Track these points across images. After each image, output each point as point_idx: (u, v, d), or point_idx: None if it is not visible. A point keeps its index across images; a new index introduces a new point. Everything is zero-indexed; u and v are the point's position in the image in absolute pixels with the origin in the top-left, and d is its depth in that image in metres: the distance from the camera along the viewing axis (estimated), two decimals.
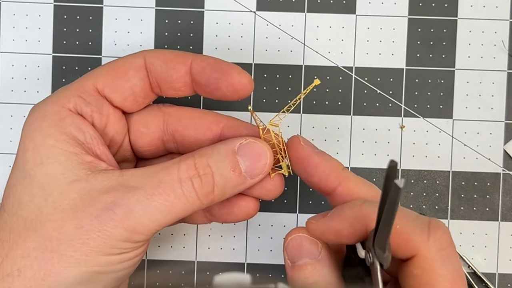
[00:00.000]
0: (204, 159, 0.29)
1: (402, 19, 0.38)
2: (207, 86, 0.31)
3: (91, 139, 0.30)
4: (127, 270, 0.29)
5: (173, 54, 0.31)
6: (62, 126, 0.29)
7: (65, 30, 0.38)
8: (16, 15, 0.38)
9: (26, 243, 0.27)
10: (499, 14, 0.38)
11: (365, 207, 0.28)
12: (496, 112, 0.38)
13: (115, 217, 0.27)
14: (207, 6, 0.38)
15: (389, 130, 0.38)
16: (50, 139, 0.29)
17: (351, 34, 0.38)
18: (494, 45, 0.38)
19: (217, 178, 0.29)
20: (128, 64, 0.31)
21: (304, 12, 0.38)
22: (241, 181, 0.30)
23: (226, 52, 0.38)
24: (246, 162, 0.30)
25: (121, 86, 0.31)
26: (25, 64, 0.38)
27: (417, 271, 0.27)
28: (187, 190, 0.28)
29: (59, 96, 0.30)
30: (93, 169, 0.29)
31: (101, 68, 0.31)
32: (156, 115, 0.32)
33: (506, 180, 0.38)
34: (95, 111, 0.30)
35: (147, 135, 0.32)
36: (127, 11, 0.38)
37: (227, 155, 0.29)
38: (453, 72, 0.38)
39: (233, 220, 0.33)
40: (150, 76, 0.31)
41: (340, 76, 0.38)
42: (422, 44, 0.38)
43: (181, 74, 0.31)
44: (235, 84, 0.30)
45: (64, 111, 0.29)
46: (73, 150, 0.29)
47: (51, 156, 0.28)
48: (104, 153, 0.30)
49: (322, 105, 0.38)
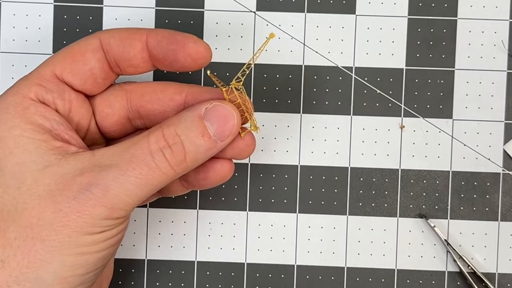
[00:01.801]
0: (172, 128, 0.29)
1: (402, 19, 0.38)
2: (165, 59, 0.31)
3: (58, 125, 0.30)
4: (111, 249, 0.29)
5: (127, 31, 0.31)
6: (26, 115, 0.29)
7: (65, 30, 0.38)
8: (16, 15, 0.38)
9: (6, 233, 0.27)
10: (499, 14, 0.38)
11: None
12: (495, 112, 0.38)
13: (92, 196, 0.27)
14: (207, 6, 0.38)
15: (389, 130, 0.38)
16: (16, 129, 0.28)
17: (351, 34, 0.38)
18: (494, 45, 0.38)
19: (187, 145, 0.29)
20: (84, 47, 0.31)
21: (304, 12, 0.38)
22: (212, 145, 0.30)
23: (226, 52, 0.38)
24: (214, 125, 0.30)
25: (79, 70, 0.30)
26: (25, 64, 0.38)
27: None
28: (160, 161, 0.29)
29: (19, 87, 0.30)
30: (64, 153, 0.29)
31: (58, 53, 0.31)
32: (119, 95, 0.32)
33: (505, 180, 0.38)
34: (57, 98, 0.30)
35: (112, 115, 0.32)
36: (127, 11, 0.38)
37: (194, 121, 0.29)
38: (453, 72, 0.38)
39: (210, 184, 0.33)
40: (108, 56, 0.31)
41: (340, 76, 0.38)
42: (422, 44, 0.38)
43: (138, 50, 0.31)
44: (192, 53, 0.30)
45: (26, 101, 0.29)
46: (41, 137, 0.29)
47: (20, 146, 0.28)
48: (72, 137, 0.30)
49: (322, 105, 0.38)
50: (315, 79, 0.38)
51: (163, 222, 0.39)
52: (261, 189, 0.39)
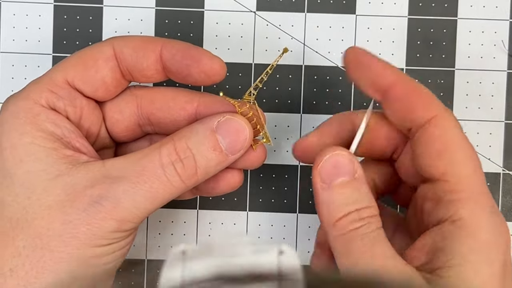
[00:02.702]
0: (183, 141, 0.29)
1: (402, 19, 0.38)
2: (178, 73, 0.30)
3: (69, 132, 0.29)
4: (117, 261, 0.29)
5: (142, 41, 0.30)
6: (37, 122, 0.29)
7: (65, 30, 0.38)
8: (16, 15, 0.38)
9: (15, 242, 0.27)
10: (499, 14, 0.38)
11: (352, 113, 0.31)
12: (496, 112, 0.38)
13: (103, 209, 0.27)
14: (207, 6, 0.38)
15: None
16: (27, 136, 0.28)
17: (351, 34, 0.38)
18: (494, 45, 0.38)
19: (198, 159, 0.29)
20: (97, 54, 0.30)
21: (304, 12, 0.38)
22: (223, 159, 0.30)
23: (226, 52, 0.38)
24: (226, 139, 0.29)
25: (91, 77, 0.30)
26: (25, 64, 0.38)
27: (438, 131, 0.28)
28: (171, 175, 0.28)
29: (30, 92, 0.29)
30: (74, 163, 0.28)
31: (70, 59, 0.30)
32: (129, 100, 0.32)
33: (506, 180, 0.38)
34: (68, 105, 0.30)
35: (122, 122, 0.32)
36: (127, 11, 0.38)
37: (206, 135, 0.29)
38: (453, 72, 0.38)
39: (219, 193, 0.33)
40: (121, 65, 0.30)
41: (340, 76, 0.38)
42: (422, 44, 0.38)
43: (152, 61, 0.30)
44: (206, 70, 0.30)
45: (37, 107, 0.29)
46: (52, 145, 0.28)
47: (31, 154, 0.28)
48: (83, 145, 0.30)
49: (322, 105, 0.38)
50: (315, 79, 0.38)
51: (163, 222, 0.39)
52: (261, 189, 0.38)
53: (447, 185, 0.28)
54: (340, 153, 0.29)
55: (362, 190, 0.28)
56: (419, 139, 0.29)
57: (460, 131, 0.29)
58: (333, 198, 0.28)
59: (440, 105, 0.29)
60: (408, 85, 0.29)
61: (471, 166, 0.28)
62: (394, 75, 0.29)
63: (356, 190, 0.28)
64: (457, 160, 0.28)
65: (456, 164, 0.28)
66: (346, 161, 0.28)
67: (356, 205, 0.28)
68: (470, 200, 0.27)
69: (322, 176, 0.28)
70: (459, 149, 0.28)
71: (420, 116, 0.29)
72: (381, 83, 0.29)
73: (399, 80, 0.29)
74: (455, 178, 0.28)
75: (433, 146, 0.28)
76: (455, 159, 0.28)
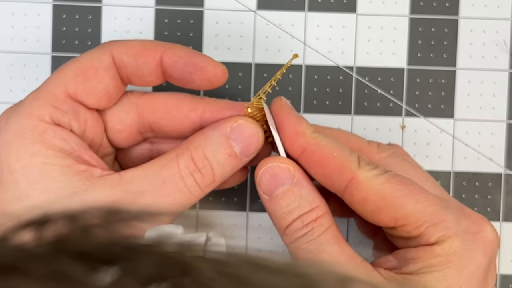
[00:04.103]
0: (200, 151, 0.29)
1: (403, 18, 0.38)
2: (180, 79, 0.30)
3: (77, 146, 0.29)
4: None
5: (142, 46, 0.30)
6: (45, 140, 0.28)
7: (64, 30, 0.38)
8: (14, 14, 0.38)
9: None
10: (501, 13, 0.38)
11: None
12: (497, 112, 0.38)
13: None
14: (206, 5, 0.38)
15: (390, 130, 0.38)
16: (38, 156, 0.28)
17: (351, 33, 0.38)
18: (496, 45, 0.38)
19: (215, 167, 0.29)
20: (97, 63, 0.30)
21: (304, 11, 0.38)
22: (238, 163, 0.30)
23: (226, 52, 0.38)
24: (240, 144, 0.30)
25: (94, 89, 0.30)
26: (24, 64, 0.38)
27: (360, 193, 0.28)
28: (191, 185, 0.29)
29: (32, 109, 0.29)
30: (90, 178, 0.28)
31: (68, 68, 0.30)
32: (129, 110, 0.31)
33: (507, 180, 0.38)
34: (72, 119, 0.29)
35: (123, 131, 0.32)
36: (126, 10, 0.38)
37: (221, 142, 0.29)
38: (454, 71, 0.38)
39: (223, 187, 0.33)
40: (121, 72, 0.30)
41: (340, 75, 0.38)
42: (423, 43, 0.38)
43: (152, 68, 0.30)
44: (210, 77, 0.30)
45: (42, 125, 0.28)
46: (65, 162, 0.28)
47: (45, 174, 0.28)
48: (92, 157, 0.29)
49: (322, 105, 0.38)
50: (316, 79, 0.38)
51: None
52: None
53: (405, 228, 0.28)
54: (274, 164, 0.29)
55: (304, 192, 0.29)
56: (348, 201, 0.29)
57: (381, 176, 0.28)
58: (277, 209, 0.29)
59: (353, 165, 0.29)
60: (318, 152, 0.29)
61: (411, 200, 0.28)
62: (304, 141, 0.29)
63: (298, 195, 0.29)
64: (396, 206, 0.28)
65: (398, 209, 0.28)
66: (281, 170, 0.29)
67: (299, 210, 0.29)
68: (433, 226, 0.28)
69: (263, 188, 0.29)
70: (390, 196, 0.28)
71: (337, 183, 0.29)
72: (292, 150, 0.30)
73: (309, 147, 0.29)
74: (407, 220, 0.28)
75: (366, 207, 0.29)
76: (393, 207, 0.28)
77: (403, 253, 0.29)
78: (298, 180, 0.29)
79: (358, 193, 0.28)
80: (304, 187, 0.29)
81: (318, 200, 0.29)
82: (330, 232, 0.29)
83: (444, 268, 0.28)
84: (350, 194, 0.29)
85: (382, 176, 0.28)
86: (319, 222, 0.29)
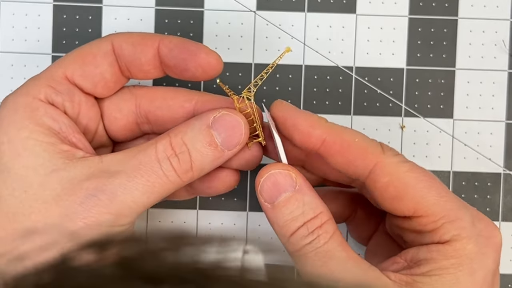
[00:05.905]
0: (179, 137, 0.29)
1: (402, 18, 0.38)
2: (176, 67, 0.30)
3: (66, 127, 0.29)
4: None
5: (140, 37, 0.31)
6: (36, 117, 0.29)
7: (64, 30, 0.38)
8: (15, 14, 0.38)
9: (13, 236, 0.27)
10: (500, 13, 0.38)
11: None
12: (496, 112, 0.38)
13: (99, 202, 0.27)
14: (207, 5, 0.38)
15: (390, 130, 0.38)
16: (24, 131, 0.28)
17: (351, 33, 0.38)
18: (495, 45, 0.38)
19: (193, 154, 0.29)
20: (96, 50, 0.30)
21: (304, 12, 0.38)
22: (219, 154, 0.30)
23: (226, 52, 0.38)
24: (222, 135, 0.29)
25: (90, 73, 0.30)
26: (25, 64, 0.38)
27: (384, 178, 0.28)
28: (167, 169, 0.29)
29: (29, 88, 0.30)
30: (71, 158, 0.28)
31: (69, 55, 0.31)
32: (128, 99, 0.32)
33: (506, 180, 0.38)
34: (66, 100, 0.30)
35: (120, 120, 0.32)
36: (127, 10, 0.38)
37: (202, 130, 0.29)
38: (453, 72, 0.38)
39: (215, 192, 0.33)
40: (119, 60, 0.31)
41: (340, 76, 0.38)
42: (423, 43, 0.38)
43: (150, 57, 0.30)
44: (203, 64, 0.30)
45: (35, 102, 0.29)
46: (49, 140, 0.28)
47: (27, 148, 0.28)
48: (80, 141, 0.30)
49: (322, 105, 0.38)
50: (315, 79, 0.38)
51: (163, 222, 0.39)
52: None
53: (421, 220, 0.28)
54: (276, 171, 0.29)
55: (307, 199, 0.29)
56: (370, 187, 0.29)
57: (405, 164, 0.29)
58: (279, 216, 0.29)
59: (376, 150, 0.29)
60: (339, 140, 0.29)
61: (433, 193, 0.28)
62: (322, 132, 0.29)
63: (301, 202, 0.29)
64: (417, 196, 0.28)
65: (419, 200, 0.28)
66: (283, 176, 0.29)
67: (304, 218, 0.28)
68: (450, 223, 0.28)
69: (265, 197, 0.29)
70: (413, 185, 0.28)
71: (360, 169, 0.29)
72: (311, 143, 0.29)
73: (328, 136, 0.29)
74: (426, 211, 0.28)
75: (387, 193, 0.28)
76: (415, 196, 0.28)
77: (413, 253, 0.29)
78: (300, 187, 0.29)
79: (381, 178, 0.28)
80: (307, 194, 0.29)
81: (322, 206, 0.29)
82: (336, 238, 0.28)
83: (457, 271, 0.27)
84: (373, 180, 0.28)
85: (406, 164, 0.28)
86: (324, 229, 0.28)
